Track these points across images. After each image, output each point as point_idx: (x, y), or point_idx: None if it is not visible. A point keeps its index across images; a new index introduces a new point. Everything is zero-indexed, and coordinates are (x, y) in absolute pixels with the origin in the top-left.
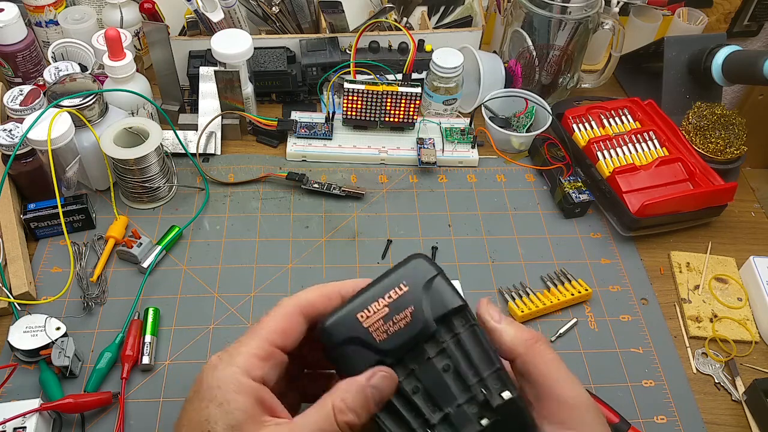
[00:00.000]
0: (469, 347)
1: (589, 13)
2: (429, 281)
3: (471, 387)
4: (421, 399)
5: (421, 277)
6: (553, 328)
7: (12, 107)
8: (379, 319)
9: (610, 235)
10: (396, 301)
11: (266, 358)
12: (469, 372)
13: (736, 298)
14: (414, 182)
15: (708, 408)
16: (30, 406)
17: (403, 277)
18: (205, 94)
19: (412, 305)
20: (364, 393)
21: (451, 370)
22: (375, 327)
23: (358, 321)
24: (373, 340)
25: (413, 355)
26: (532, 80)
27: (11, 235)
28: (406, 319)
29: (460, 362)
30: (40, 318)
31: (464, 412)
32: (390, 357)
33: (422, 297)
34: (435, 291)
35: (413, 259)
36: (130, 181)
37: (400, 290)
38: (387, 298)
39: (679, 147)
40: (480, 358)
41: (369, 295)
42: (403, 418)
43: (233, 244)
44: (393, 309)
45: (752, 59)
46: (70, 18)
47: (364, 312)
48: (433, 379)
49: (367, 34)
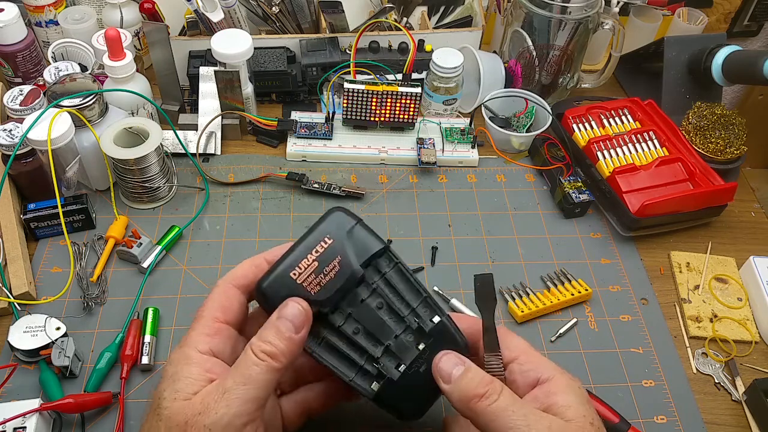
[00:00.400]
0: (396, 284)
1: (589, 13)
2: (350, 231)
3: (404, 318)
4: (362, 338)
5: (343, 228)
6: (553, 328)
7: (12, 107)
8: (310, 273)
9: (610, 235)
10: (323, 255)
11: (213, 334)
12: (401, 305)
13: (736, 298)
14: (414, 182)
15: (708, 408)
16: (30, 406)
17: (326, 231)
18: (205, 94)
19: (338, 255)
20: (274, 325)
21: (384, 307)
22: (308, 281)
23: (292, 279)
24: (309, 294)
25: (349, 300)
26: (532, 80)
27: (11, 235)
28: (335, 269)
29: (391, 298)
30: (40, 318)
31: (402, 342)
32: (326, 306)
33: (346, 246)
34: (357, 239)
35: (331, 213)
36: (130, 181)
37: (325, 243)
38: (314, 252)
39: (679, 147)
40: (408, 291)
41: (297, 253)
42: (348, 357)
43: (233, 244)
44: (321, 262)
45: (752, 59)
46: (70, 18)
47: (296, 270)
48: (370, 318)
49: (367, 34)
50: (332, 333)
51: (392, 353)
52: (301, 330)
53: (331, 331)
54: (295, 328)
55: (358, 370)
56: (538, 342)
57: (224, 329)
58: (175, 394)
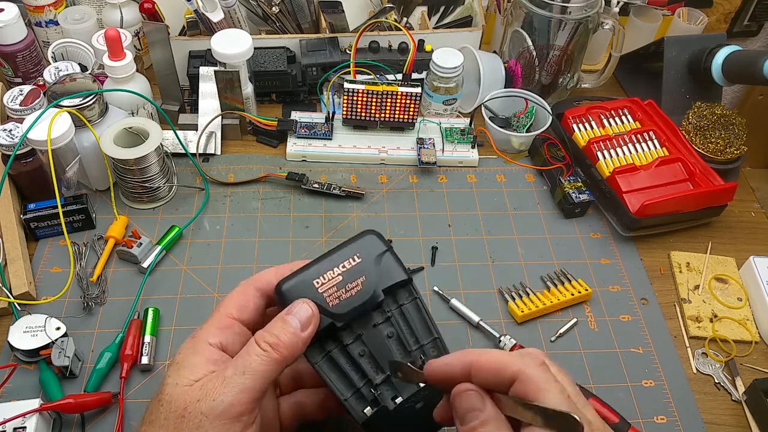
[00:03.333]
0: (411, 317)
1: (589, 13)
2: (380, 255)
3: (411, 353)
4: (366, 362)
5: (373, 251)
6: (553, 328)
7: (12, 107)
8: (333, 285)
9: (610, 235)
10: (349, 271)
11: (224, 328)
12: (410, 339)
13: (736, 298)
14: (414, 182)
15: (708, 408)
16: (30, 406)
17: (357, 249)
18: (205, 94)
19: (363, 275)
20: (282, 318)
21: (394, 337)
22: (329, 293)
23: (314, 286)
24: (327, 305)
25: (362, 322)
26: (532, 80)
27: (11, 235)
28: (357, 287)
29: (403, 330)
30: (40, 318)
31: None
32: (340, 320)
33: (373, 268)
34: (385, 264)
35: (366, 235)
36: (130, 181)
37: (353, 261)
38: (341, 267)
39: (679, 147)
40: (420, 327)
41: (325, 263)
42: (348, 377)
43: (233, 244)
44: (346, 277)
45: (752, 59)
46: (70, 18)
47: (320, 279)
48: (378, 344)
49: (367, 34)
50: (338, 350)
51: (391, 384)
52: (306, 329)
53: (337, 347)
54: (302, 325)
55: (355, 391)
56: (538, 342)
57: (236, 325)
58: (177, 380)
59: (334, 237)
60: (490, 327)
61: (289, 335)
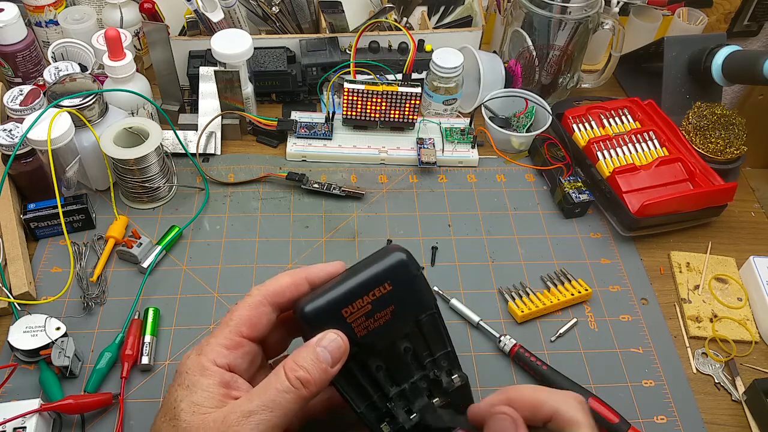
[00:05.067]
0: (428, 331)
1: (589, 13)
2: (410, 281)
3: (425, 366)
4: (382, 375)
5: (405, 277)
6: (553, 328)
7: (12, 107)
8: (361, 315)
9: (610, 235)
10: (379, 300)
11: (233, 348)
12: (424, 353)
13: (736, 298)
14: (414, 182)
15: (708, 408)
16: (30, 407)
17: (388, 276)
18: (205, 94)
19: (393, 304)
20: (314, 352)
21: (410, 352)
22: (357, 323)
23: (342, 315)
24: (354, 335)
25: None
26: (532, 80)
27: (11, 235)
28: (386, 318)
29: (420, 345)
30: (40, 318)
31: (417, 388)
32: (366, 351)
33: (403, 297)
34: (415, 291)
35: (395, 255)
36: (130, 181)
37: (384, 289)
38: (371, 296)
39: (679, 147)
40: (435, 340)
41: (353, 289)
42: (364, 391)
43: (233, 244)
44: (375, 306)
45: (752, 59)
46: (70, 18)
47: (349, 308)
48: (394, 359)
49: (367, 34)
50: (355, 364)
51: (406, 396)
52: (336, 364)
53: (355, 363)
54: (333, 360)
55: (369, 403)
56: (538, 342)
57: (245, 344)
58: (194, 407)
59: (334, 237)
60: (490, 327)
61: (319, 372)
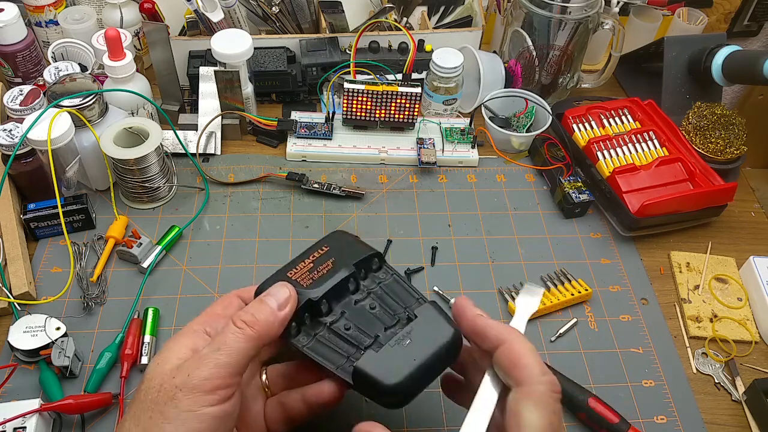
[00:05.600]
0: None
1: (589, 13)
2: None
3: (397, 314)
4: (353, 333)
5: (340, 241)
6: (553, 328)
7: (12, 107)
8: (305, 272)
9: (610, 235)
10: (318, 258)
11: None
12: (396, 304)
13: (736, 298)
14: (414, 182)
15: (708, 408)
16: (30, 407)
17: (324, 242)
18: (205, 94)
19: (332, 257)
20: (259, 299)
21: (377, 308)
22: (302, 277)
23: (288, 277)
24: (300, 286)
25: (344, 303)
26: (532, 80)
27: (11, 235)
28: (328, 267)
29: (386, 302)
30: (40, 318)
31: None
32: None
33: (341, 252)
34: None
35: (332, 233)
36: (130, 181)
37: (322, 251)
38: (311, 257)
39: (679, 147)
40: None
41: (296, 259)
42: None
43: (233, 244)
44: (316, 264)
45: (752, 59)
46: (70, 18)
47: (293, 271)
48: (362, 316)
49: (367, 34)
50: (325, 331)
51: (380, 342)
52: (284, 308)
53: (324, 329)
54: (279, 304)
55: (346, 360)
56: (538, 342)
57: (220, 317)
58: (158, 360)
59: None
60: None
61: (266, 314)
